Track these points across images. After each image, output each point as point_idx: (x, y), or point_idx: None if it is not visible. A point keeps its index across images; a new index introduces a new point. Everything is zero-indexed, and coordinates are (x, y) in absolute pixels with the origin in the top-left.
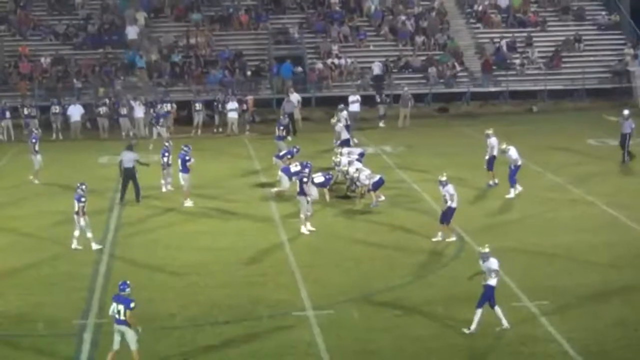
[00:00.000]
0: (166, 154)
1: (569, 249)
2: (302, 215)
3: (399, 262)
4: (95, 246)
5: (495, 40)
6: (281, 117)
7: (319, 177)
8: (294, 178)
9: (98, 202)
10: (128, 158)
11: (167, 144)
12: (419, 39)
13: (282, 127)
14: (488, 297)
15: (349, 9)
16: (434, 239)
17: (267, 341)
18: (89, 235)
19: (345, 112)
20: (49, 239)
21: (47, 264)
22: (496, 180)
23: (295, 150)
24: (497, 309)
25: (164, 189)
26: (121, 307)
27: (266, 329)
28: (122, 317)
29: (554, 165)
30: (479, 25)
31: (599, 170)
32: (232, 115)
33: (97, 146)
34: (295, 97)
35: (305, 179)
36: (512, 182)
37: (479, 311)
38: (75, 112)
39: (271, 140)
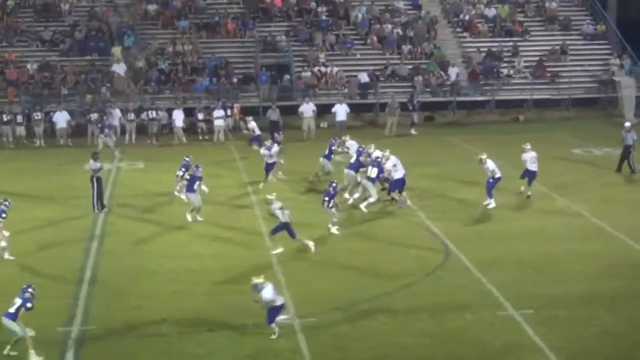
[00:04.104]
0: (183, 169)
1: (556, 258)
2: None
3: (384, 271)
4: (7, 256)
5: (482, 49)
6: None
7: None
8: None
9: (84, 208)
10: (93, 167)
11: (187, 158)
12: (406, 48)
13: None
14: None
15: (336, 17)
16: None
17: (251, 349)
18: (3, 244)
19: (253, 123)
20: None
21: (31, 270)
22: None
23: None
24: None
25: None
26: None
27: (250, 336)
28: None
29: (540, 174)
30: (465, 34)
31: (585, 179)
32: (219, 123)
33: (84, 153)
34: (310, 107)
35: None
36: (489, 193)
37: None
38: (61, 118)
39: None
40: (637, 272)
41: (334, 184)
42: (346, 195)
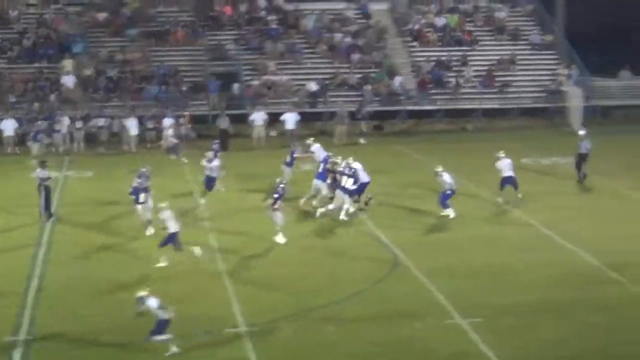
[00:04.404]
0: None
1: (505, 267)
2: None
3: (334, 279)
4: None
5: (431, 58)
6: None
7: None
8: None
9: (31, 217)
10: (40, 175)
11: (143, 169)
12: (355, 57)
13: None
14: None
15: (286, 26)
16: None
17: (197, 358)
18: None
19: (171, 131)
20: None
21: None
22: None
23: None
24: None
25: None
26: None
27: (200, 345)
28: None
29: (490, 184)
30: (415, 43)
31: (534, 189)
32: (169, 132)
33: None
34: (261, 115)
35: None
36: (445, 205)
37: None
38: (9, 126)
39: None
40: (585, 282)
41: (282, 185)
42: (314, 202)
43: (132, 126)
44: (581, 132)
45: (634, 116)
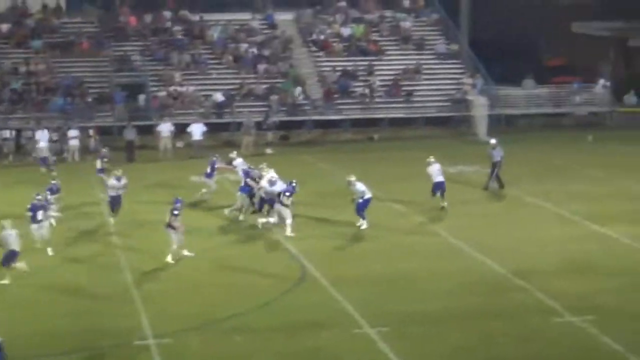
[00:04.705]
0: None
1: (411, 276)
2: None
3: (241, 290)
4: None
5: (337, 68)
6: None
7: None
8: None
9: None
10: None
11: (53, 182)
12: (262, 67)
13: (105, 159)
14: None
15: (191, 36)
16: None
17: None
18: None
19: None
20: None
21: None
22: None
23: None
24: None
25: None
26: None
27: (107, 358)
28: None
29: (396, 193)
30: (321, 53)
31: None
32: (74, 143)
33: None
34: (167, 126)
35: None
36: (361, 214)
37: None
38: None
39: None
40: (489, 288)
41: (178, 203)
42: (241, 217)
43: (42, 138)
44: (492, 141)
45: (538, 124)
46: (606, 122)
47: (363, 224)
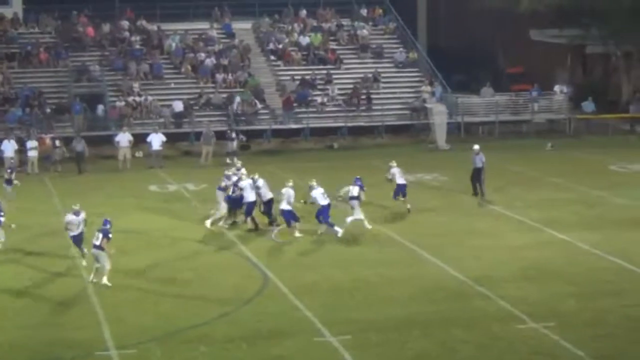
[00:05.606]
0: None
1: (370, 283)
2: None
3: (202, 299)
4: None
5: (296, 77)
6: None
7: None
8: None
9: None
10: None
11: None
12: (220, 76)
13: (9, 170)
14: None
15: (149, 46)
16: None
17: None
18: None
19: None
20: None
21: None
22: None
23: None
24: None
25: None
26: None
27: None
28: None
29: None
30: (279, 62)
31: (399, 205)
32: (32, 154)
33: None
34: (126, 136)
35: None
36: (323, 220)
37: None
38: None
39: (72, 177)
40: (449, 296)
41: (108, 224)
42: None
43: (7, 149)
44: (475, 147)
45: (497, 132)
46: (565, 129)
47: (321, 229)
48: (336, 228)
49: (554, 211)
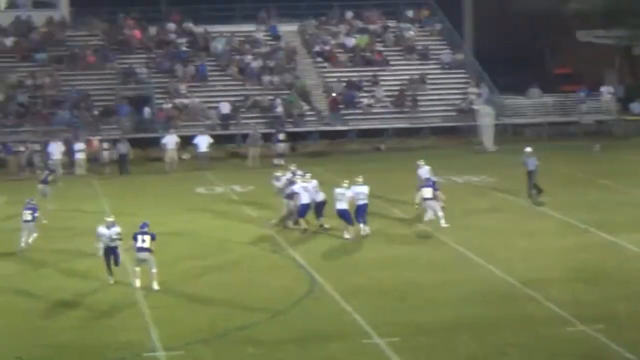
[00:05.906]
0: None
1: (419, 285)
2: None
3: (251, 302)
4: None
5: (342, 79)
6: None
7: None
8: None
9: None
10: None
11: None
12: (266, 79)
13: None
14: None
15: (196, 48)
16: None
17: None
18: None
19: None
20: None
21: None
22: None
23: None
24: None
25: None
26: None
27: None
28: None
29: (401, 204)
30: (325, 64)
31: (447, 207)
32: (80, 157)
33: None
34: (173, 138)
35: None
36: (355, 220)
37: None
38: None
39: (119, 179)
40: (499, 298)
41: (145, 227)
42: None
43: (54, 151)
44: (527, 149)
45: (544, 133)
46: (613, 131)
47: (346, 235)
48: (346, 233)
49: (604, 213)
